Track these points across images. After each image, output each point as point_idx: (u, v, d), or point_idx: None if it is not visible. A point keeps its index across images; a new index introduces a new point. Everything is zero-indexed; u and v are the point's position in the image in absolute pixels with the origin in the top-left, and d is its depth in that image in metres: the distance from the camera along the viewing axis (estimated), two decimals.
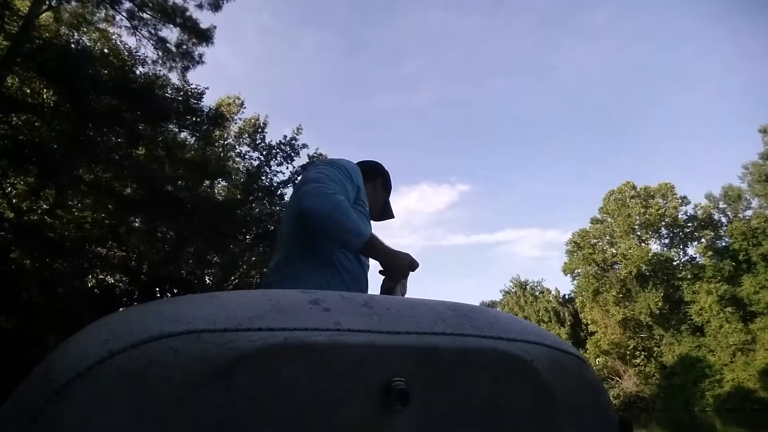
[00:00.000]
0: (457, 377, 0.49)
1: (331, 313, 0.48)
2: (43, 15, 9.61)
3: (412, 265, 1.30)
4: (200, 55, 11.02)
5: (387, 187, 1.72)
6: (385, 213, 1.75)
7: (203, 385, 0.40)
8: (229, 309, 0.45)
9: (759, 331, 26.28)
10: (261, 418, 0.41)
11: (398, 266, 1.27)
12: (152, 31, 10.78)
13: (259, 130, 17.23)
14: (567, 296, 40.92)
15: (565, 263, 36.84)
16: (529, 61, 69.79)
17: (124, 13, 10.60)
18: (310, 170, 1.36)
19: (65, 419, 0.36)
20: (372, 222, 1.61)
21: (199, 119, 11.41)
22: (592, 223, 36.00)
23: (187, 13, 10.67)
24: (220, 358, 0.40)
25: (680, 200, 33.02)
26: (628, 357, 31.55)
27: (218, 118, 11.97)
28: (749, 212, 29.78)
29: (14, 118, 9.30)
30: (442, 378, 0.48)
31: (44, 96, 9.50)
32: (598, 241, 35.29)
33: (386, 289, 1.30)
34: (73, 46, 9.49)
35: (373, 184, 1.64)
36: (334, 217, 1.17)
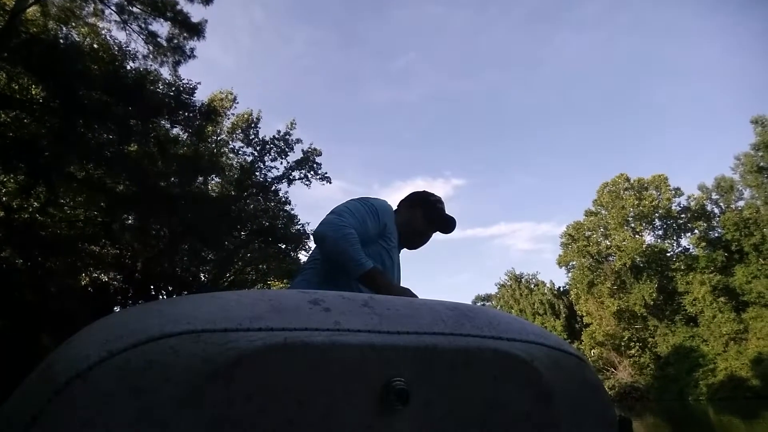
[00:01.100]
0: (456, 377, 0.49)
1: (331, 313, 0.48)
2: (30, 9, 9.44)
3: None
4: (191, 50, 10.93)
5: (429, 219, 1.76)
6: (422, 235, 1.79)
7: (203, 385, 0.39)
8: (230, 309, 0.45)
9: (751, 321, 26.60)
10: (261, 418, 0.41)
11: None
12: (142, 25, 10.65)
13: (252, 125, 17.09)
14: (562, 288, 41.17)
15: (559, 256, 37.05)
16: (521, 53, 69.72)
17: (113, 7, 10.47)
18: (340, 204, 1.55)
19: (66, 419, 0.36)
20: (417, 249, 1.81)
21: (191, 114, 11.30)
22: (586, 216, 36.16)
23: (178, 7, 10.54)
24: (220, 358, 0.40)
25: (673, 192, 33.23)
26: (622, 348, 31.85)
27: (211, 112, 11.86)
28: (741, 203, 30.10)
29: (2, 115, 9.16)
30: (441, 378, 0.48)
31: (33, 92, 9.37)
32: (593, 234, 35.48)
33: None
34: (61, 41, 9.33)
35: (413, 213, 1.75)
36: (339, 245, 1.36)
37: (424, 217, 1.75)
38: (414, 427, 0.47)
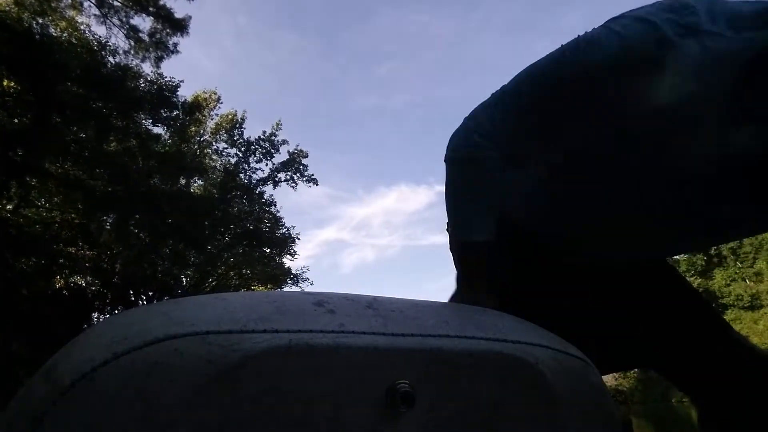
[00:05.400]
0: (461, 379, 0.49)
1: (336, 315, 0.48)
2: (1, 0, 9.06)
3: None
4: (175, 45, 10.67)
5: None
6: None
7: (208, 386, 0.39)
8: (234, 311, 0.45)
9: (730, 323, 27.06)
10: (266, 420, 0.41)
11: None
12: (123, 19, 10.37)
13: (237, 126, 16.80)
14: None
15: None
16: (503, 61, 70.93)
17: (92, 0, 10.15)
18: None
19: (70, 421, 0.36)
20: None
21: (174, 112, 11.01)
22: None
23: (161, 2, 10.30)
24: (225, 359, 0.40)
25: None
26: None
27: (194, 109, 11.59)
28: None
29: None
30: (446, 380, 0.48)
31: (5, 84, 8.96)
32: None
33: None
34: (36, 32, 8.96)
35: None
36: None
37: None
38: (419, 430, 0.47)
